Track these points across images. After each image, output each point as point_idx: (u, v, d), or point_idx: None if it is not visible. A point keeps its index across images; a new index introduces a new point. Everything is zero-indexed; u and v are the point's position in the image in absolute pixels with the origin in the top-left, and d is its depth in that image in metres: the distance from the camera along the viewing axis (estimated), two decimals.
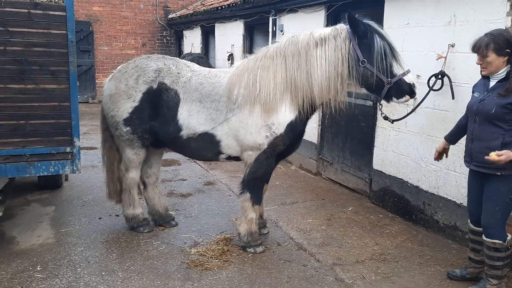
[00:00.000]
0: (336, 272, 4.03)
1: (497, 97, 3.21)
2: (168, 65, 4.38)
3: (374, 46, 3.72)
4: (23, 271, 3.89)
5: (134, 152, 4.49)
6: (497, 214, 3.28)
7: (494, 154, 3.11)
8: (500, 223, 3.31)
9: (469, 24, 4.41)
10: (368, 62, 3.76)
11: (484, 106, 3.28)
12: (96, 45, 14.81)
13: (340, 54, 3.83)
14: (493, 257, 3.37)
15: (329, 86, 3.90)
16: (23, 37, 3.94)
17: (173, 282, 3.78)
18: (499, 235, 3.32)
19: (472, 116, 3.41)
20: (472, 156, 3.42)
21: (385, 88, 3.81)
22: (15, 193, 5.70)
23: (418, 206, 5.15)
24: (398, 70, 3.80)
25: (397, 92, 3.83)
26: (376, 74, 3.77)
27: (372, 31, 3.76)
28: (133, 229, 4.77)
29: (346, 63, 3.83)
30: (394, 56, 3.80)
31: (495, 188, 3.26)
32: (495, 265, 3.39)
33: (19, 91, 3.97)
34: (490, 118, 3.25)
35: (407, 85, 3.81)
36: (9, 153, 3.99)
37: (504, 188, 3.22)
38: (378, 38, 3.74)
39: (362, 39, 3.78)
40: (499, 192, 3.24)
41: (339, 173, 6.73)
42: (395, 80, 3.78)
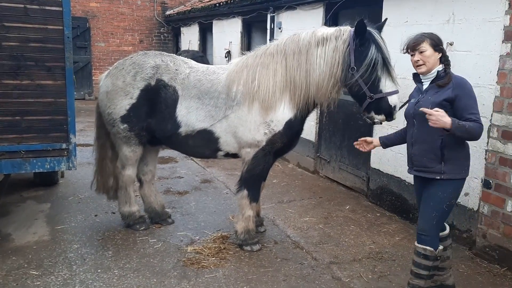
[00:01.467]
0: (333, 270, 4.02)
1: (431, 96, 3.10)
2: (166, 62, 4.35)
3: (367, 57, 3.59)
4: (18, 268, 3.87)
5: (131, 149, 4.46)
6: (433, 220, 3.14)
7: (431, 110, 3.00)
8: (435, 229, 3.17)
9: (468, 23, 4.40)
10: (357, 71, 3.64)
11: (420, 107, 3.12)
12: (93, 42, 14.73)
13: (337, 56, 3.76)
14: (421, 264, 3.20)
15: (323, 87, 3.86)
16: (19, 32, 3.90)
17: (169, 280, 3.76)
18: (431, 243, 3.16)
19: (411, 121, 3.29)
20: (413, 160, 3.27)
21: (366, 101, 3.68)
22: (10, 190, 5.67)
23: (416, 205, 5.14)
24: (385, 87, 3.63)
25: (376, 109, 3.69)
26: (361, 85, 3.65)
27: (371, 40, 3.62)
28: (129, 226, 4.75)
29: (341, 66, 3.75)
30: (386, 72, 3.64)
31: (433, 193, 3.13)
32: (419, 273, 3.22)
33: (14, 87, 3.93)
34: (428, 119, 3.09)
35: (388, 106, 3.64)
36: (4, 149, 3.95)
37: (443, 194, 3.09)
38: (374, 50, 3.59)
39: (359, 46, 3.65)
40: (437, 198, 3.11)
41: (336, 171, 6.72)
42: (378, 97, 3.63)
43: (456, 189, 3.13)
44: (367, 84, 3.64)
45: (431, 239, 3.16)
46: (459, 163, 3.09)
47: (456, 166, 3.08)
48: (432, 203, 3.14)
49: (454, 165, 3.07)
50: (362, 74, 3.62)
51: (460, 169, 3.10)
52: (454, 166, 3.07)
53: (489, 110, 4.21)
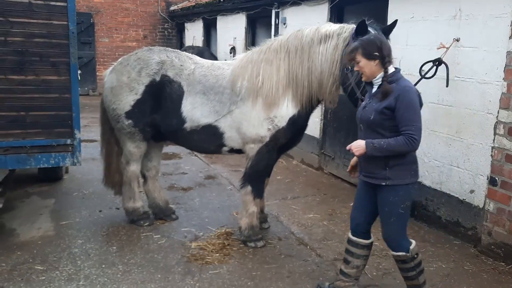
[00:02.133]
0: (338, 267, 3.99)
1: (375, 103, 3.03)
2: (170, 58, 4.35)
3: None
4: (23, 263, 3.88)
5: (135, 145, 4.46)
6: (394, 225, 3.10)
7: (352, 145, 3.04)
8: (399, 234, 3.14)
9: (474, 18, 4.36)
10: (351, 71, 3.56)
11: (365, 113, 3.09)
12: (97, 37, 14.73)
13: (336, 54, 3.72)
14: (403, 269, 3.21)
15: (323, 84, 3.84)
16: (23, 28, 3.89)
17: (173, 275, 3.76)
18: (401, 247, 3.13)
19: (358, 125, 3.24)
20: (361, 165, 3.24)
21: (358, 103, 3.60)
22: (15, 185, 5.68)
23: (421, 202, 5.12)
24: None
25: None
26: (353, 87, 3.60)
27: None
28: (133, 222, 4.76)
29: (339, 65, 3.71)
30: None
31: (385, 199, 3.08)
32: (408, 276, 3.22)
33: (19, 82, 3.93)
34: (371, 125, 3.06)
35: None
36: (10, 144, 3.95)
37: (394, 198, 3.03)
38: None
39: None
40: (390, 203, 3.06)
41: (341, 168, 6.70)
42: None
43: (406, 192, 3.05)
44: (359, 86, 3.56)
45: (399, 243, 3.14)
46: (404, 168, 3.02)
47: (402, 172, 3.01)
48: (386, 208, 3.10)
49: (399, 171, 3.01)
50: (355, 75, 3.53)
51: (406, 174, 3.03)
52: (399, 172, 3.01)
53: (495, 107, 4.18)
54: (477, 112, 4.38)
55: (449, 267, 4.08)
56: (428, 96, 4.87)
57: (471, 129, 4.45)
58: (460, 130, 4.57)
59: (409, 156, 3.02)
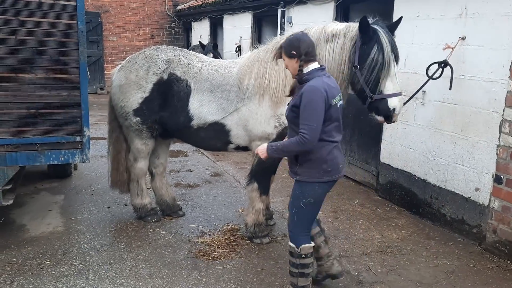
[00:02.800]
0: (342, 263, 4.02)
1: (293, 100, 3.11)
2: (178, 56, 4.40)
3: (369, 56, 3.54)
4: (33, 258, 3.96)
5: (143, 142, 4.52)
6: (294, 217, 3.20)
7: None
8: (296, 226, 3.21)
9: (480, 17, 4.37)
10: (359, 69, 3.62)
11: (287, 110, 3.19)
12: (105, 36, 14.84)
13: (344, 53, 3.75)
14: (290, 261, 3.29)
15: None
16: (33, 27, 3.95)
17: (180, 271, 3.82)
18: (294, 240, 3.21)
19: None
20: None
21: (367, 101, 3.68)
22: (25, 182, 5.78)
23: (425, 200, 5.14)
24: (386, 89, 3.59)
25: (375, 109, 3.69)
26: (362, 84, 3.64)
27: (375, 40, 3.55)
28: (141, 218, 4.82)
29: (347, 63, 3.74)
30: (387, 73, 3.57)
31: (293, 191, 3.22)
32: (291, 271, 3.29)
33: (29, 80, 3.99)
34: (289, 122, 3.19)
35: (387, 108, 3.62)
36: (20, 141, 4.02)
37: (299, 191, 3.15)
38: (376, 50, 3.53)
39: (364, 44, 3.61)
40: (295, 195, 3.18)
41: (346, 166, 6.72)
42: (378, 98, 3.61)
43: (312, 190, 3.11)
44: (368, 84, 3.61)
45: (293, 235, 3.22)
46: (313, 166, 3.08)
47: (310, 170, 3.08)
48: (292, 199, 3.23)
49: (307, 169, 3.09)
50: (363, 73, 3.59)
51: (314, 172, 3.08)
52: (307, 169, 3.09)
53: (501, 105, 4.19)
54: (482, 111, 4.39)
55: (454, 264, 4.10)
56: (433, 95, 4.89)
57: (477, 127, 4.46)
58: (465, 128, 4.58)
59: (317, 157, 3.06)
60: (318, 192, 3.14)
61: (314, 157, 3.06)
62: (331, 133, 3.08)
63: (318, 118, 2.94)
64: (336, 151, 3.13)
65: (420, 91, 4.90)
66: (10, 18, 3.86)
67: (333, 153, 3.10)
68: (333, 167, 3.11)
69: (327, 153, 3.08)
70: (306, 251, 3.19)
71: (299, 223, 3.20)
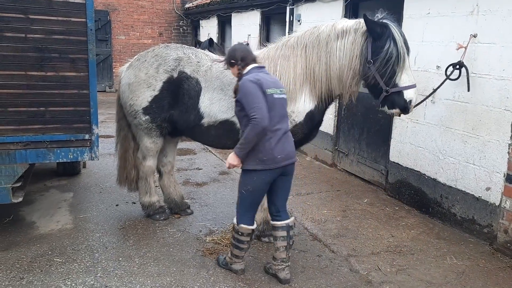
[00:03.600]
0: (351, 263, 4.02)
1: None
2: (187, 54, 4.40)
3: (383, 51, 3.61)
4: (42, 255, 3.98)
5: (152, 140, 4.52)
6: (238, 199, 3.58)
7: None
8: (240, 208, 3.58)
9: (492, 14, 4.31)
10: (373, 64, 3.68)
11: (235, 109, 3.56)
12: (114, 34, 14.89)
13: (355, 49, 3.77)
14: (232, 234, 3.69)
15: (343, 79, 3.88)
16: (43, 25, 3.97)
17: (188, 269, 3.82)
18: (237, 217, 3.60)
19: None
20: None
21: (382, 95, 3.76)
22: (35, 179, 5.81)
23: (435, 199, 5.10)
24: (401, 81, 3.68)
25: (391, 102, 3.77)
26: (377, 79, 3.70)
27: (387, 35, 3.63)
28: (149, 216, 4.83)
29: (359, 59, 3.77)
30: (403, 66, 3.66)
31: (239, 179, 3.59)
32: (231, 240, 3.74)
33: (39, 78, 4.01)
34: (238, 119, 3.54)
35: (403, 100, 3.72)
36: (29, 139, 4.04)
37: (240, 179, 3.54)
38: (391, 44, 3.60)
39: (376, 39, 3.67)
40: (239, 182, 3.56)
41: (354, 164, 6.69)
42: (394, 91, 3.70)
43: (250, 179, 3.44)
44: (383, 77, 3.67)
45: (237, 214, 3.60)
46: (251, 155, 3.39)
47: (249, 158, 3.40)
48: (238, 185, 3.60)
49: (248, 158, 3.40)
50: (378, 67, 3.65)
51: (251, 161, 3.40)
52: (248, 158, 3.40)
53: None
54: (493, 109, 4.34)
55: (464, 264, 4.05)
56: (444, 93, 4.83)
57: (488, 126, 4.41)
58: (476, 127, 4.53)
59: (256, 146, 3.35)
60: (256, 181, 3.43)
61: (254, 147, 3.35)
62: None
63: (258, 100, 3.28)
64: (275, 141, 3.38)
65: (430, 88, 4.85)
66: (20, 16, 3.88)
67: (270, 142, 3.37)
68: (268, 157, 3.36)
69: (263, 142, 3.35)
70: (243, 230, 3.57)
71: (242, 205, 3.57)
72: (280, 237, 3.62)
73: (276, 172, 3.46)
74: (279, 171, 3.47)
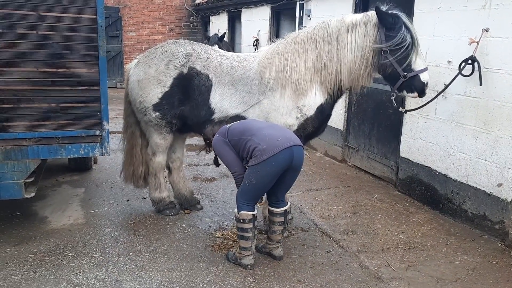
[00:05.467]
0: (361, 259, 4.01)
1: None
2: (196, 50, 4.41)
3: (397, 38, 3.77)
4: (54, 249, 4.03)
5: (162, 137, 4.55)
6: (240, 189, 3.70)
7: None
8: (239, 195, 3.71)
9: (505, 8, 4.25)
10: (389, 52, 3.81)
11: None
12: (124, 31, 14.96)
13: (368, 40, 3.88)
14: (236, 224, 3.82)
15: (355, 71, 3.97)
16: (54, 22, 3.99)
17: (198, 264, 3.84)
18: (237, 206, 3.71)
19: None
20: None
21: (399, 81, 3.90)
22: (47, 175, 5.88)
23: (446, 195, 5.05)
24: (416, 65, 3.86)
25: (409, 86, 3.93)
26: (394, 66, 3.83)
27: (399, 23, 3.80)
28: (159, 211, 4.87)
29: (372, 50, 3.88)
30: (416, 51, 3.84)
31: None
32: (236, 232, 3.89)
33: (50, 75, 4.05)
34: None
35: (420, 83, 3.88)
36: (41, 135, 4.09)
37: (246, 173, 3.63)
38: (404, 31, 3.78)
39: (388, 30, 3.82)
40: (244, 175, 3.65)
41: (364, 160, 6.66)
42: (411, 75, 3.86)
43: (253, 171, 3.54)
44: (400, 64, 3.82)
45: (237, 203, 3.72)
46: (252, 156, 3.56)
47: (252, 158, 3.55)
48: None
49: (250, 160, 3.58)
50: (395, 55, 3.80)
51: (254, 159, 3.53)
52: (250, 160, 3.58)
53: None
54: (506, 104, 4.28)
55: (475, 261, 4.02)
56: (455, 88, 4.78)
57: (500, 121, 4.35)
58: (488, 122, 4.48)
59: (251, 142, 3.56)
60: (261, 173, 3.51)
61: (248, 143, 3.56)
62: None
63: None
64: (267, 130, 3.65)
65: (441, 84, 4.81)
66: (31, 13, 3.91)
67: (263, 132, 3.59)
68: (267, 144, 3.49)
69: (257, 135, 3.58)
70: (244, 217, 3.68)
71: (243, 194, 3.68)
72: (278, 222, 3.88)
73: (281, 161, 3.48)
74: (287, 159, 3.50)
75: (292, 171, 3.65)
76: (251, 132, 3.61)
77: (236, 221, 3.77)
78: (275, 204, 3.86)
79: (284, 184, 3.75)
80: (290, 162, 3.54)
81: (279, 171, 3.54)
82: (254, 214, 3.72)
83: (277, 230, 3.89)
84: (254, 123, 3.76)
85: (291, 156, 3.53)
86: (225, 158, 3.78)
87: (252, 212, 3.70)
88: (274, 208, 3.87)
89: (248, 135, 3.60)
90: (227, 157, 3.75)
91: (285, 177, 3.67)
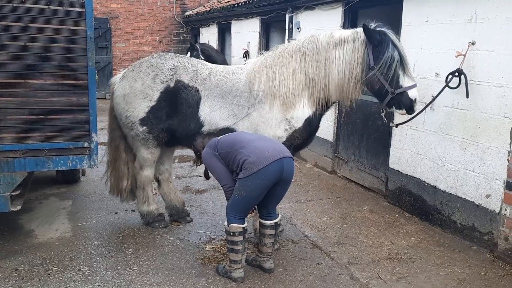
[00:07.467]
0: (351, 271, 4.00)
1: None
2: (183, 63, 4.41)
3: (385, 55, 3.82)
4: (40, 263, 3.96)
5: (149, 151, 4.51)
6: (229, 201, 3.68)
7: None
8: (229, 207, 3.69)
9: (490, 22, 4.32)
10: (377, 69, 3.85)
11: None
12: (114, 42, 14.94)
13: (356, 57, 3.94)
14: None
15: (344, 86, 4.02)
16: (42, 33, 3.98)
17: (187, 277, 3.79)
18: (227, 218, 3.68)
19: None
20: None
21: (387, 97, 3.94)
22: (33, 187, 5.80)
23: (435, 206, 5.08)
24: (404, 82, 3.89)
25: (397, 103, 3.97)
26: (382, 82, 3.87)
27: (386, 41, 3.84)
28: (148, 224, 4.81)
29: (360, 66, 3.94)
30: (404, 67, 3.89)
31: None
32: (226, 245, 3.85)
33: (38, 86, 4.01)
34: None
35: (408, 100, 3.91)
36: (28, 147, 4.03)
37: (236, 186, 3.60)
38: (391, 48, 3.83)
39: (376, 46, 3.87)
40: (234, 188, 3.62)
41: (354, 171, 6.68)
42: (399, 91, 3.89)
43: (243, 184, 3.51)
44: (387, 80, 3.85)
45: (227, 215, 3.70)
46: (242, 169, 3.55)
47: (242, 171, 3.53)
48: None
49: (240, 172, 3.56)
50: (382, 71, 3.83)
51: (243, 171, 3.51)
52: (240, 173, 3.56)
53: None
54: (493, 116, 4.34)
55: (465, 272, 4.03)
56: (443, 100, 4.84)
57: (487, 133, 4.40)
58: (476, 134, 4.53)
59: (242, 154, 3.55)
60: (251, 186, 3.49)
61: (238, 156, 3.55)
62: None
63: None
64: (257, 142, 3.61)
65: (429, 96, 4.86)
66: (19, 25, 3.89)
67: (252, 144, 3.57)
68: (257, 156, 3.47)
69: (246, 148, 3.55)
70: (234, 230, 3.65)
71: (233, 206, 3.65)
72: (268, 235, 3.84)
73: (271, 173, 3.46)
74: (277, 171, 3.48)
75: (283, 183, 3.64)
76: (241, 144, 3.60)
77: (226, 234, 3.73)
78: (266, 216, 3.84)
79: (275, 197, 3.74)
80: (281, 174, 3.53)
81: (270, 184, 3.53)
82: (244, 227, 3.69)
83: (268, 242, 3.87)
84: (244, 136, 3.75)
85: (281, 168, 3.52)
86: (214, 171, 3.77)
87: (242, 225, 3.67)
88: (265, 220, 3.84)
89: (237, 148, 3.59)
90: (217, 170, 3.74)
91: (276, 189, 3.65)
